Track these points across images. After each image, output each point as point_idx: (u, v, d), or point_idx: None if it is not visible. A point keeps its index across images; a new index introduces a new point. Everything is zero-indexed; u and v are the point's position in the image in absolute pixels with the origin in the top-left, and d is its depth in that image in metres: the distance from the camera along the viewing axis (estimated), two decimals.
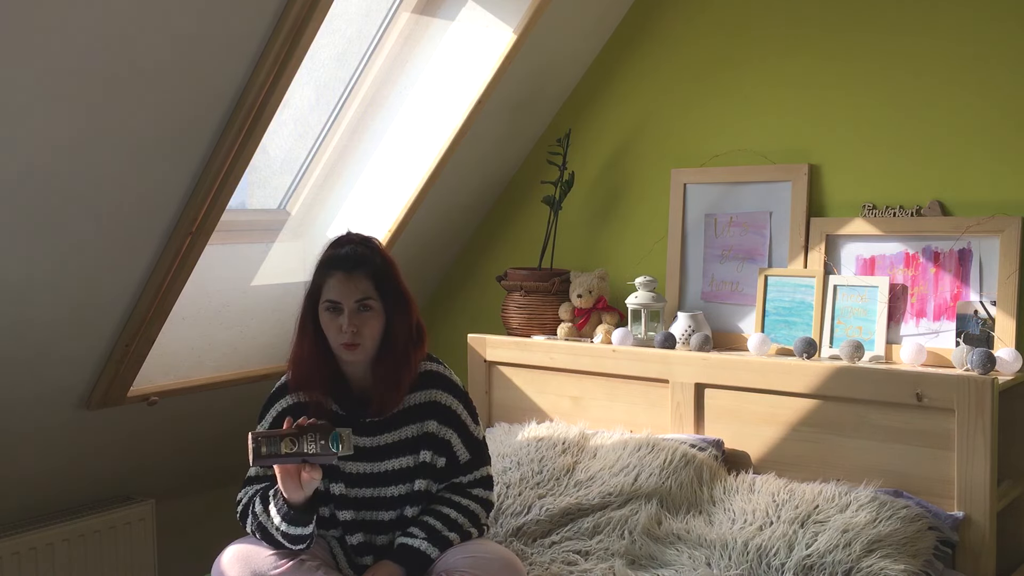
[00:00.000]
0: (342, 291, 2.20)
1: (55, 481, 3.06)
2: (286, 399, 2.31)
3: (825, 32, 3.12)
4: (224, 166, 2.61)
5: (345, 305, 2.20)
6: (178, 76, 2.40)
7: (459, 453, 2.33)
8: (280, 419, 2.28)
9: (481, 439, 2.39)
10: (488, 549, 2.24)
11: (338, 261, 2.24)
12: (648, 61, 3.47)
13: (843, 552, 2.35)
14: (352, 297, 2.20)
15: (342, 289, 2.20)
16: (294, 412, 2.25)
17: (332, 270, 2.23)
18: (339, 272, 2.22)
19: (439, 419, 2.31)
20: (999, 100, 2.84)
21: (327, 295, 2.22)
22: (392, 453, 2.28)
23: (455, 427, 2.32)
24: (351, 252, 2.25)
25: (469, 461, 2.34)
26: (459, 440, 2.33)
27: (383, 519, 2.29)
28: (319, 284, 2.24)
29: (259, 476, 2.30)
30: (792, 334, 3.08)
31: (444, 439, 2.31)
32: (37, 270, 2.53)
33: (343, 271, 2.21)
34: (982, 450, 2.50)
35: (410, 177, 3.40)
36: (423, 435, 2.29)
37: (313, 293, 2.25)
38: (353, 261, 2.23)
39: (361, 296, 2.21)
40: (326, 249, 2.30)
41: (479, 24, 3.21)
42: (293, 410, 2.27)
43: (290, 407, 2.29)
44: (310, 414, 2.23)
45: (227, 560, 2.16)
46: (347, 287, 2.20)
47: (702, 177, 3.33)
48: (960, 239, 2.87)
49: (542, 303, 3.47)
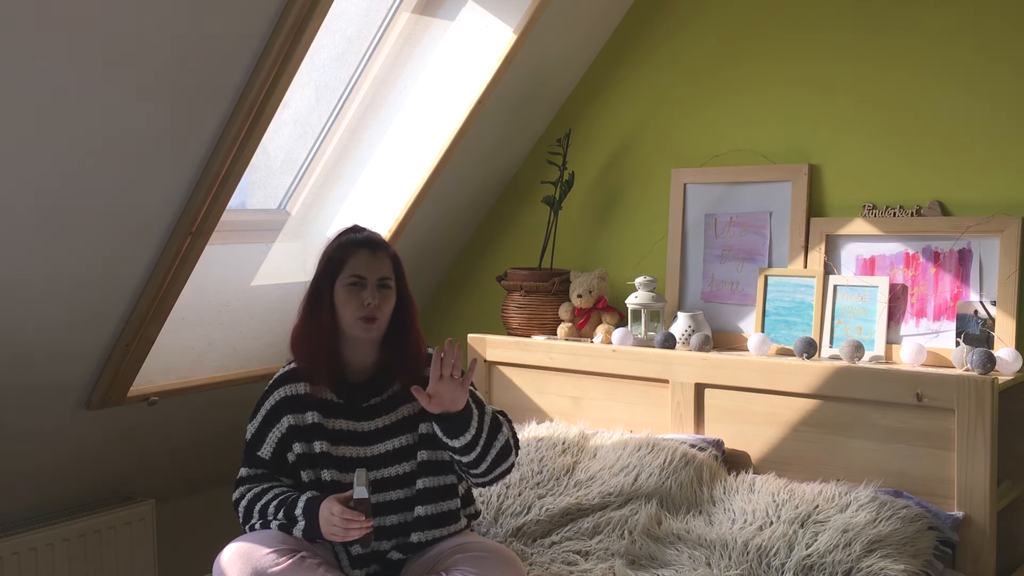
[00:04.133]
0: (368, 266, 2.27)
1: (55, 481, 3.06)
2: (279, 391, 2.32)
3: (825, 32, 3.12)
4: (224, 166, 2.61)
5: (369, 280, 2.27)
6: (178, 76, 2.40)
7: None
8: (272, 415, 2.30)
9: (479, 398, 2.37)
10: (488, 548, 2.24)
11: (361, 241, 2.32)
12: (648, 61, 3.47)
13: (843, 552, 2.35)
14: (376, 273, 2.27)
15: (368, 265, 2.28)
16: (286, 405, 2.29)
17: (356, 248, 2.30)
18: (364, 250, 2.29)
19: None
20: (999, 100, 2.84)
21: (352, 270, 2.27)
22: (390, 434, 2.30)
23: None
24: (371, 235, 2.36)
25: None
26: None
27: (392, 499, 2.28)
28: (340, 260, 2.29)
29: (251, 476, 2.31)
30: (792, 334, 3.08)
31: None
32: (37, 270, 2.53)
33: (368, 249, 2.30)
34: (982, 450, 2.50)
35: (410, 177, 3.40)
36: (419, 412, 2.30)
37: (332, 270, 2.29)
38: (375, 243, 2.33)
39: (383, 275, 2.29)
40: (339, 237, 2.36)
41: (479, 24, 3.21)
42: (284, 403, 2.30)
43: (282, 400, 2.31)
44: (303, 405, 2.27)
45: (227, 558, 2.16)
46: (372, 263, 2.28)
47: (702, 177, 3.33)
48: (960, 239, 2.87)
49: (542, 303, 3.47)
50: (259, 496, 2.27)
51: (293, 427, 2.28)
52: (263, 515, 2.24)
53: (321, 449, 2.26)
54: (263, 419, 2.32)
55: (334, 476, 2.25)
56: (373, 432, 2.30)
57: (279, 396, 2.32)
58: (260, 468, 2.32)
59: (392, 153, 3.42)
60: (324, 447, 2.26)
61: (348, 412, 2.30)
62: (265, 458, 2.31)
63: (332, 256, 2.31)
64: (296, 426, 2.28)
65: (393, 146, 3.42)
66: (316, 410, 2.28)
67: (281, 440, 2.29)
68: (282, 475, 2.32)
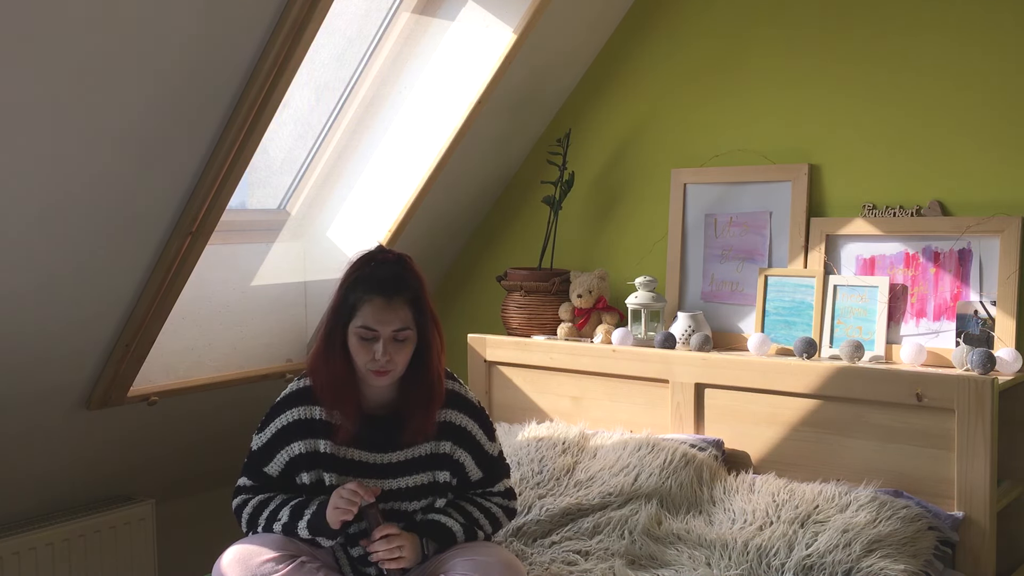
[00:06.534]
0: (380, 319, 2.09)
1: (55, 481, 3.06)
2: (292, 412, 2.24)
3: (825, 32, 3.12)
4: (224, 166, 2.61)
5: (382, 334, 2.10)
6: (178, 76, 2.40)
7: (471, 474, 2.30)
8: (283, 436, 2.23)
9: (496, 455, 2.35)
10: (488, 550, 2.23)
11: (377, 284, 2.11)
12: (648, 61, 3.47)
13: (843, 552, 2.35)
14: (390, 327, 2.10)
15: (381, 317, 2.09)
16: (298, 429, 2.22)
17: (370, 294, 2.10)
18: (378, 298, 2.10)
19: (454, 439, 2.27)
20: (999, 100, 2.84)
21: (363, 320, 2.11)
22: (405, 471, 2.24)
23: (469, 448, 2.29)
24: (390, 275, 2.13)
25: (481, 479, 2.32)
26: (472, 462, 2.30)
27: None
28: (353, 305, 2.12)
29: (253, 488, 2.28)
30: (792, 334, 3.08)
31: (458, 461, 2.28)
32: (37, 270, 2.53)
33: (383, 297, 2.10)
34: (982, 450, 2.50)
35: (410, 177, 3.40)
36: (438, 455, 2.26)
37: (344, 312, 2.14)
38: (394, 286, 2.11)
39: (398, 327, 2.10)
40: (358, 264, 2.18)
41: (479, 24, 3.21)
42: (296, 427, 2.22)
43: (294, 423, 2.23)
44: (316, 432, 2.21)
45: (227, 562, 2.14)
46: (386, 315, 2.09)
47: (702, 177, 3.33)
48: (960, 239, 2.87)
49: (542, 303, 3.47)
50: (265, 502, 2.24)
51: (303, 455, 2.21)
52: (271, 519, 2.20)
53: (330, 482, 2.20)
54: (273, 437, 2.25)
55: None
56: (387, 466, 2.24)
57: (292, 417, 2.23)
58: (263, 483, 2.27)
59: (392, 153, 3.42)
60: (334, 479, 2.20)
61: (363, 443, 2.23)
62: (272, 476, 2.25)
63: (347, 296, 2.14)
64: (306, 454, 2.21)
65: (393, 146, 3.41)
66: (329, 439, 2.21)
67: (290, 463, 2.23)
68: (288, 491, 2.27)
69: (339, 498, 2.11)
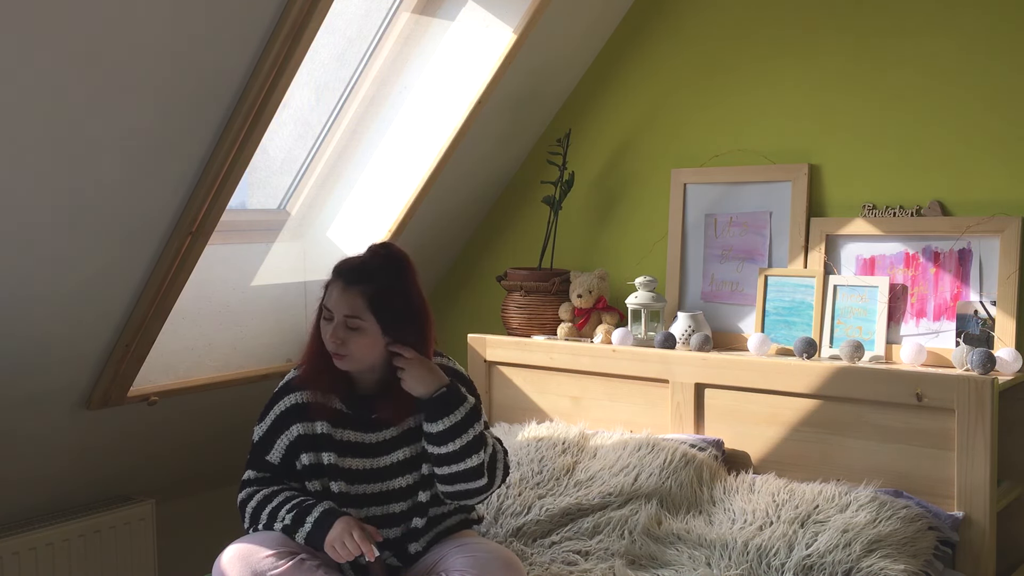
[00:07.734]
0: (336, 302, 2.22)
1: (55, 481, 3.06)
2: (289, 398, 2.30)
3: (825, 32, 3.12)
4: (224, 166, 2.61)
5: (336, 316, 2.22)
6: (178, 76, 2.40)
7: None
8: (282, 421, 2.28)
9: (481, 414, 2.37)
10: (488, 549, 2.24)
11: (343, 270, 2.25)
12: (648, 61, 3.47)
13: (843, 552, 2.35)
14: (341, 311, 2.21)
15: (336, 300, 2.22)
16: (295, 413, 2.27)
17: (335, 277, 2.25)
18: (339, 282, 2.23)
19: None
20: (999, 101, 2.84)
21: (325, 301, 2.25)
22: (396, 445, 2.28)
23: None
24: (356, 265, 2.25)
25: None
26: None
27: (394, 511, 2.28)
28: (325, 286, 2.26)
29: (258, 479, 2.30)
30: (792, 334, 3.08)
31: None
32: (37, 270, 2.53)
33: (342, 282, 2.22)
34: (982, 450, 2.50)
35: (410, 177, 3.40)
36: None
37: (323, 296, 2.27)
38: (354, 275, 2.23)
39: (349, 312, 2.20)
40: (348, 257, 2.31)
41: (479, 24, 3.21)
42: (294, 411, 2.28)
43: (292, 407, 2.29)
44: (312, 414, 2.25)
45: (227, 559, 2.15)
46: (340, 299, 2.21)
47: (702, 177, 3.33)
48: (960, 239, 2.87)
49: (542, 303, 3.47)
50: (269, 498, 2.25)
51: (302, 436, 2.26)
52: (272, 518, 2.22)
53: (329, 461, 2.24)
54: (272, 424, 2.30)
55: (342, 488, 2.25)
56: (379, 444, 2.28)
57: (289, 402, 2.29)
58: (268, 472, 2.30)
59: (392, 153, 3.42)
60: (332, 459, 2.24)
61: (356, 423, 2.28)
62: (274, 463, 2.29)
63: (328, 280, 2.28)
64: (305, 435, 2.26)
65: (393, 146, 3.42)
66: (325, 419, 2.26)
67: (290, 447, 2.27)
68: (291, 480, 2.30)
69: (340, 542, 2.12)
